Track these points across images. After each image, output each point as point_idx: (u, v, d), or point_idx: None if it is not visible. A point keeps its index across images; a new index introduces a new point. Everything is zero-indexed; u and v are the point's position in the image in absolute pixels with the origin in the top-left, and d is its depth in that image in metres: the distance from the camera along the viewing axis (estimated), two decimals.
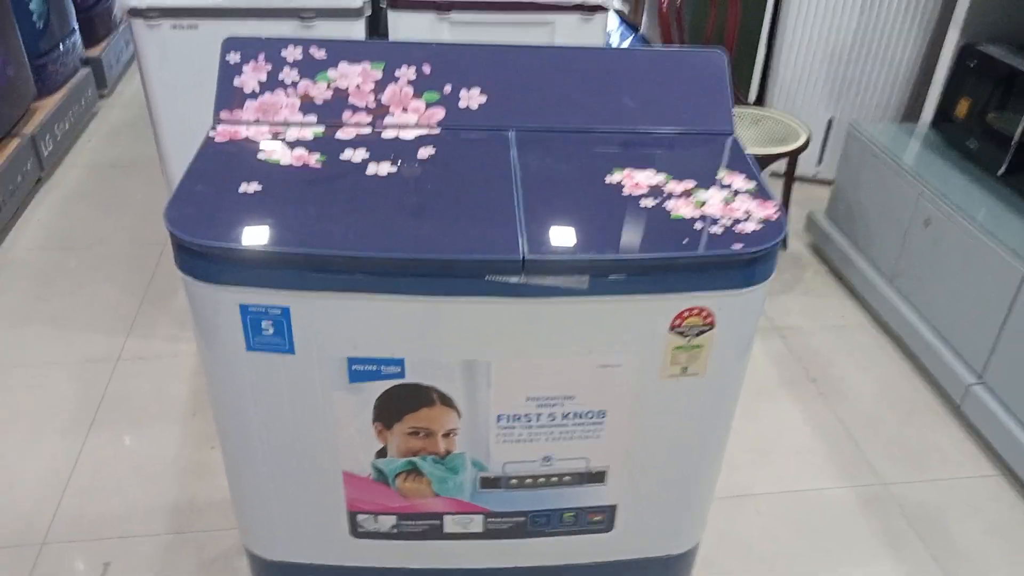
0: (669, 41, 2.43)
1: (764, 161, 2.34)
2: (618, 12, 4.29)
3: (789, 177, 2.57)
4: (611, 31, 4.14)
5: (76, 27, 3.37)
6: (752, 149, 2.33)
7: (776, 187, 2.72)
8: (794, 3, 2.75)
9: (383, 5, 1.83)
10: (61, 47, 3.20)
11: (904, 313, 2.19)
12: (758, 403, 2.06)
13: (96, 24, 3.60)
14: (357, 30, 1.80)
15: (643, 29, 4.04)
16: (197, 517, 1.72)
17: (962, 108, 2.21)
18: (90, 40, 3.57)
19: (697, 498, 1.24)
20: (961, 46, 2.23)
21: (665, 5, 2.38)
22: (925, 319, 2.14)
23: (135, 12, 1.69)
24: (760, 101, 3.04)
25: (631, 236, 0.99)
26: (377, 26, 1.90)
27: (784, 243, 2.69)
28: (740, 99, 2.70)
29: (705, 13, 2.66)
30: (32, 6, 2.98)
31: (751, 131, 2.47)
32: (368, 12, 1.81)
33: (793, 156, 2.44)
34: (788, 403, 2.06)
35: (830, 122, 2.91)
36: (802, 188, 3.02)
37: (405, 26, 1.82)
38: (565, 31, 1.84)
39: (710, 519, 1.71)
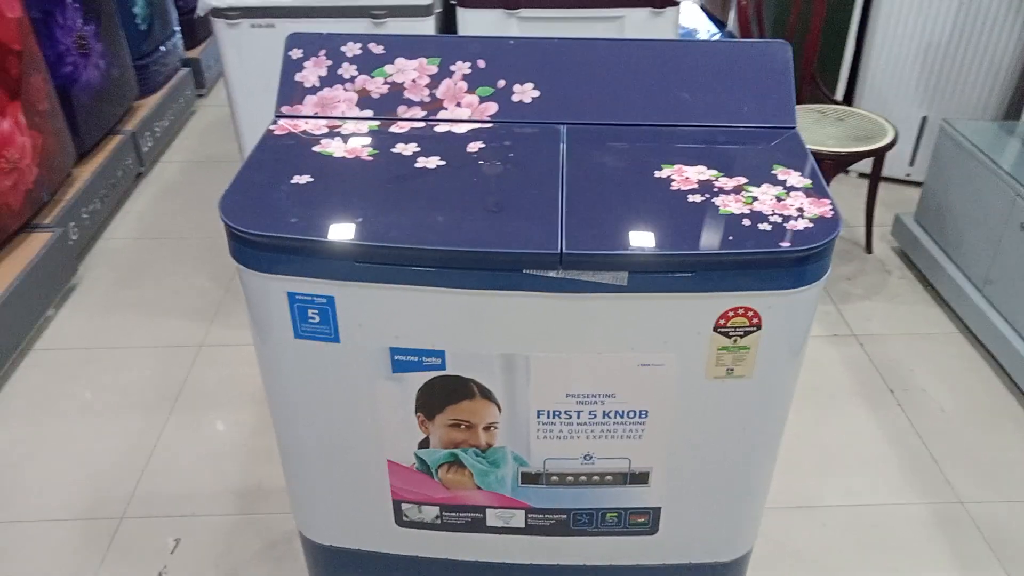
0: (748, 37, 2.36)
1: (847, 160, 2.25)
2: (704, 8, 4.20)
3: (875, 177, 2.45)
4: (699, 29, 4.07)
5: (177, 29, 3.55)
6: (834, 147, 2.24)
7: (862, 188, 2.61)
8: None
9: (453, 2, 1.85)
10: (162, 48, 3.37)
11: (995, 323, 2.06)
12: (830, 412, 1.98)
13: (196, 26, 3.78)
14: (427, 28, 1.83)
15: (730, 25, 3.94)
16: (264, 500, 1.78)
17: None
18: (191, 42, 3.75)
19: (747, 505, 1.20)
20: None
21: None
22: (1017, 329, 2.01)
23: (216, 12, 1.76)
24: (848, 100, 2.92)
25: (673, 232, 0.97)
26: (448, 23, 1.93)
27: (869, 247, 2.57)
28: (826, 96, 2.60)
29: (788, 7, 2.58)
30: (136, 10, 3.16)
31: (834, 128, 2.38)
32: (438, 9, 1.84)
33: (879, 155, 2.33)
34: (863, 413, 1.97)
35: (924, 121, 2.77)
36: (893, 190, 2.88)
37: (474, 23, 1.84)
38: (635, 26, 1.82)
39: (771, 529, 1.66)
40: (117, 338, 2.28)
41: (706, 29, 4.08)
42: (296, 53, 1.25)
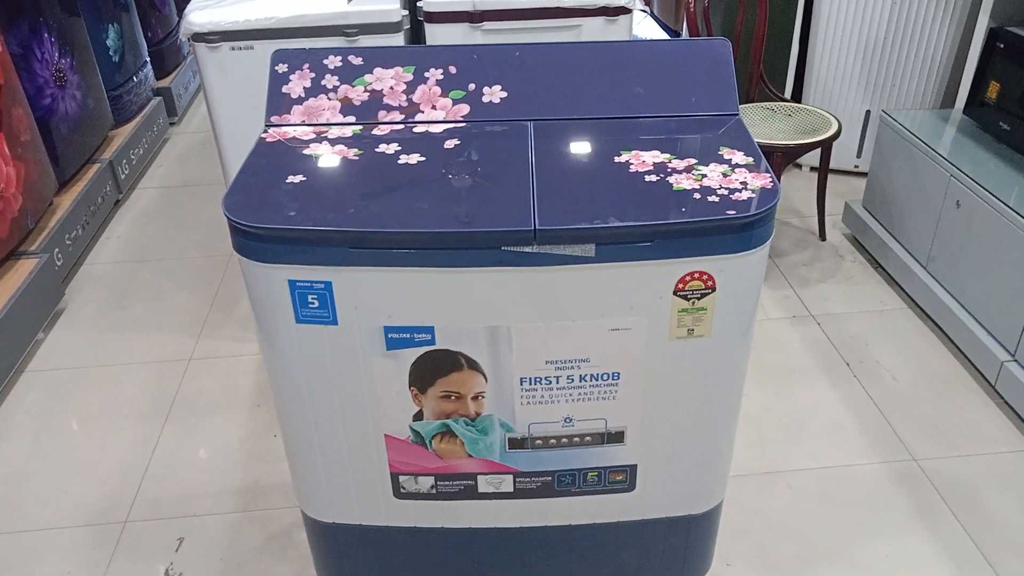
0: None
1: (796, 152, 2.40)
2: (658, 19, 4.38)
3: (824, 169, 2.61)
4: (655, 38, 4.24)
5: (148, 60, 3.63)
6: (783, 140, 2.39)
7: (814, 181, 2.76)
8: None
9: (421, 19, 1.97)
10: (135, 79, 3.45)
11: (939, 296, 2.22)
12: (792, 385, 2.11)
13: (166, 57, 3.87)
14: (397, 43, 1.94)
15: (684, 33, 4.12)
16: (261, 497, 1.86)
17: (993, 91, 2.23)
18: (161, 72, 3.84)
19: (715, 458, 1.32)
20: (990, 29, 2.26)
21: (692, 6, 2.47)
22: (959, 300, 2.16)
23: (198, 37, 1.86)
24: (797, 97, 3.09)
25: (633, 207, 1.09)
26: (417, 39, 2.04)
27: (822, 235, 2.73)
28: (775, 95, 2.75)
29: (735, 12, 2.74)
30: (108, 42, 3.24)
31: (783, 124, 2.53)
32: (407, 26, 1.95)
33: (825, 146, 2.48)
34: (823, 385, 2.11)
35: (867, 115, 2.94)
36: (843, 181, 3.05)
37: (442, 37, 1.96)
38: (592, 34, 1.95)
39: (742, 494, 1.78)
40: (107, 356, 2.34)
41: (661, 38, 4.26)
42: (282, 67, 1.35)
